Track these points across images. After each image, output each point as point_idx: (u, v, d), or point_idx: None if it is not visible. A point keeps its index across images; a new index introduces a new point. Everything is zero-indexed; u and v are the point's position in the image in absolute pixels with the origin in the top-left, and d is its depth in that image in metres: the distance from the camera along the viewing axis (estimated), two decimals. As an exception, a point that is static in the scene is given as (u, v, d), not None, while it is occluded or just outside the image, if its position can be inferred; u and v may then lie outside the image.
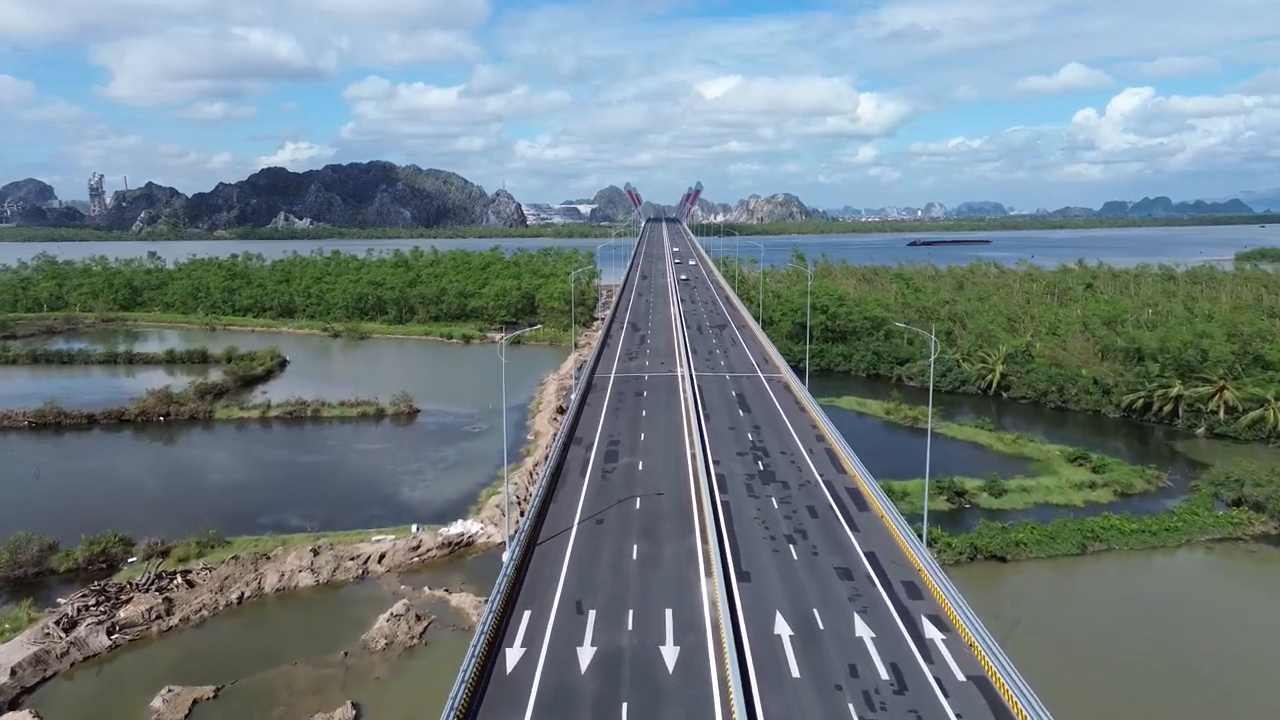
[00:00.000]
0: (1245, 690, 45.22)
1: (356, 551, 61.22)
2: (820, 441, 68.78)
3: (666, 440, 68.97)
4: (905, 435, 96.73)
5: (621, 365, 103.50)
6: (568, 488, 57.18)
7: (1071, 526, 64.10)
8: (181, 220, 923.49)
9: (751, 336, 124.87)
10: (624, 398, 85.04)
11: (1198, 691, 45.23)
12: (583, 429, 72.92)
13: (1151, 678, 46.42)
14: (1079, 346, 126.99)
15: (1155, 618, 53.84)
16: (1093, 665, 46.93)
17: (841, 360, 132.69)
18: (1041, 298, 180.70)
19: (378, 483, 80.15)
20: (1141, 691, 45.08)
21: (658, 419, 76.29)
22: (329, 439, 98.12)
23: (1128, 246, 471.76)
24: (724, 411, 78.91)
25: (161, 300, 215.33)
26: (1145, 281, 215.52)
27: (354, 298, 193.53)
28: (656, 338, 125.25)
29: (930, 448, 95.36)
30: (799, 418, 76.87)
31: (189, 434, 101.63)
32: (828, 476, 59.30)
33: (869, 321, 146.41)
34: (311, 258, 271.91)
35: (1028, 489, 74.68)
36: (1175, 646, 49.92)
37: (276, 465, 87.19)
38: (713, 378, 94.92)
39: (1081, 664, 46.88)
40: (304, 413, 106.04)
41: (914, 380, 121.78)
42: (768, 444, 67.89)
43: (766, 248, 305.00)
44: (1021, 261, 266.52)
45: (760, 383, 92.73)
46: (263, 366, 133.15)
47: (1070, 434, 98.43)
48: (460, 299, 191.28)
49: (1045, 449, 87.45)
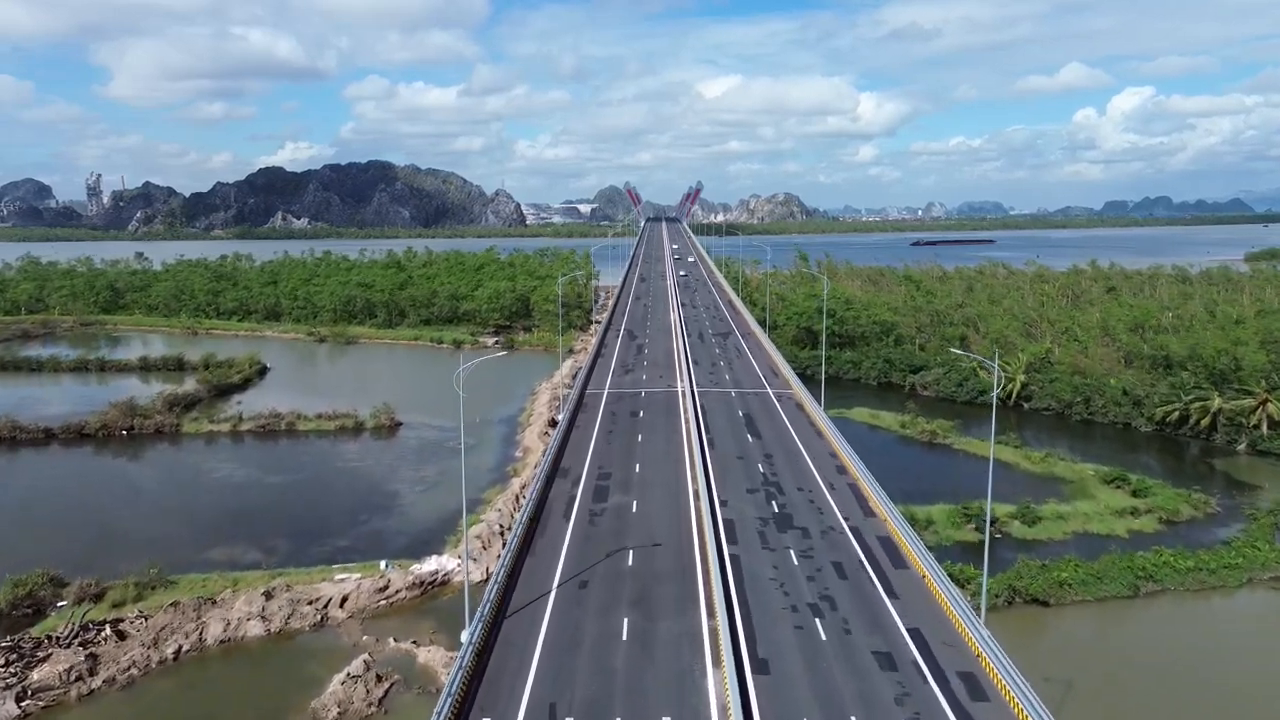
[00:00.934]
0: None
1: (315, 594, 54.28)
2: (842, 474, 61.35)
3: (665, 472, 61.64)
4: (922, 451, 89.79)
5: (616, 379, 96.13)
6: (548, 536, 49.73)
7: (1120, 564, 57.14)
8: (179, 220, 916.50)
9: (757, 345, 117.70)
10: (618, 419, 77.68)
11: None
12: (570, 457, 65.61)
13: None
14: (1102, 353, 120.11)
15: (1223, 674, 46.84)
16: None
17: (851, 368, 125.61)
18: (1056, 300, 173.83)
19: (349, 508, 73.18)
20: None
21: (655, 445, 69.01)
22: (302, 455, 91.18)
23: (1132, 246, 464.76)
24: (730, 436, 71.62)
25: (144, 303, 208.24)
26: (1160, 283, 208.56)
27: (342, 300, 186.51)
28: (655, 347, 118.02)
29: (953, 466, 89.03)
30: (816, 444, 69.52)
31: (153, 450, 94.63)
32: (854, 521, 51.86)
33: (878, 326, 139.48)
34: (301, 258, 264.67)
35: (1064, 516, 67.71)
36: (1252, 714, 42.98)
37: (240, 487, 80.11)
38: (717, 394, 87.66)
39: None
40: (278, 426, 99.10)
41: (928, 390, 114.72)
42: (782, 477, 60.65)
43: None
44: (1030, 262, 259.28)
45: (769, 400, 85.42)
46: (240, 374, 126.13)
47: (1099, 449, 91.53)
48: (452, 302, 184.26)
49: (1077, 468, 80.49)
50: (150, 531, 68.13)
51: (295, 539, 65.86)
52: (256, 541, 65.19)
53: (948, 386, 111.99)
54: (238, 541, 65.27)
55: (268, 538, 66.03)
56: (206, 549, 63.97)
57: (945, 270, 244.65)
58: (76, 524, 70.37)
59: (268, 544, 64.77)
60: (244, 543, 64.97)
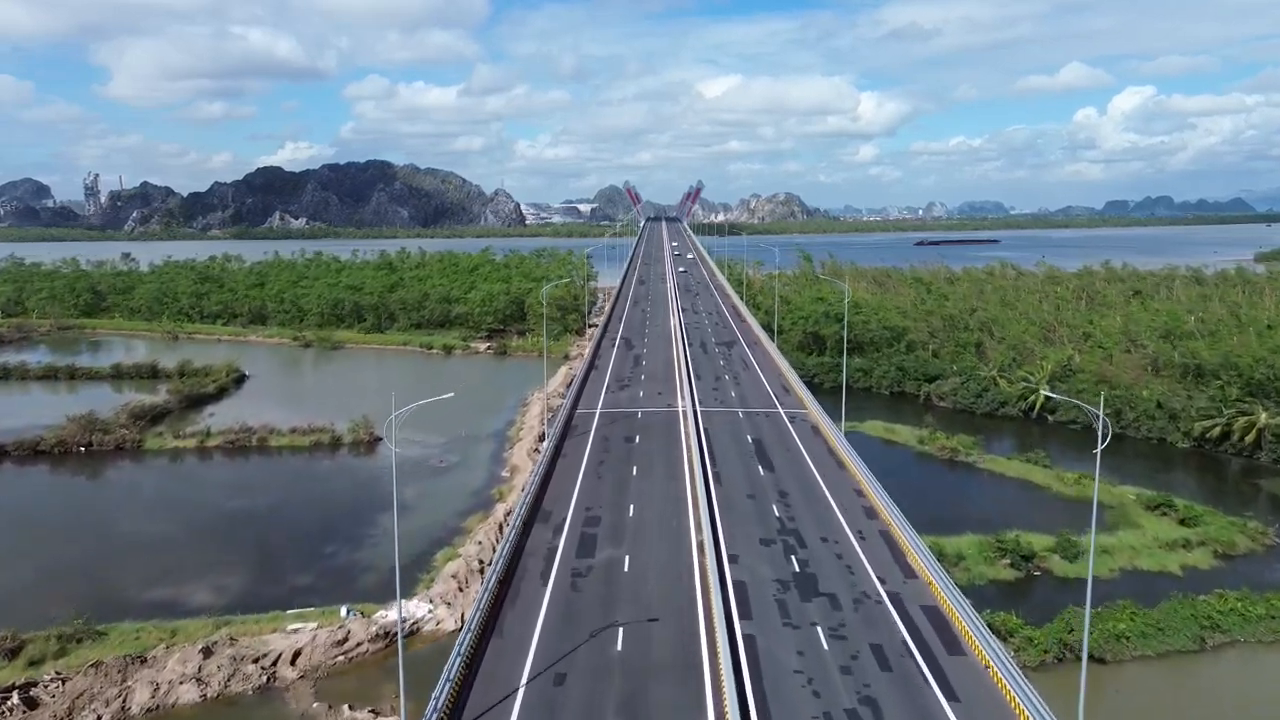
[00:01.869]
0: None
1: (263, 648, 47.39)
2: (872, 519, 53.76)
3: (663, 515, 54.07)
4: (943, 471, 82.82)
5: (610, 397, 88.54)
6: (520, 606, 41.84)
7: (1182, 611, 50.25)
8: (177, 219, 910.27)
9: (765, 356, 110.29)
10: (610, 446, 70.03)
11: None
12: (553, 495, 57.99)
13: None
14: (1129, 361, 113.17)
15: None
16: None
17: (861, 376, 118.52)
18: (1072, 303, 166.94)
19: (314, 538, 66.29)
20: None
21: (652, 479, 61.44)
22: (271, 475, 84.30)
23: (1138, 246, 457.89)
24: (739, 468, 64.10)
25: (127, 306, 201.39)
26: (1175, 285, 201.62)
27: (329, 303, 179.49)
28: (654, 358, 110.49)
29: (978, 488, 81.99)
30: (837, 477, 62.03)
31: (112, 469, 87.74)
32: (892, 584, 44.05)
33: (889, 331, 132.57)
34: (291, 259, 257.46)
35: (1109, 550, 60.78)
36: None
37: (197, 512, 73.01)
38: (722, 415, 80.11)
39: None
40: (248, 441, 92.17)
41: (945, 400, 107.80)
42: (801, 523, 53.03)
43: (768, 248, 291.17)
44: (1040, 263, 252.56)
45: (781, 423, 77.93)
46: (215, 383, 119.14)
47: (1133, 468, 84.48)
48: (443, 305, 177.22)
49: (1116, 492, 73.49)
50: (90, 566, 61.25)
51: (250, 576, 58.99)
52: (207, 579, 58.29)
53: (966, 397, 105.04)
54: (185, 579, 58.35)
55: (220, 574, 59.13)
56: (149, 588, 57.08)
57: (953, 271, 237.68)
58: (5, 558, 63.34)
59: (219, 581, 57.90)
60: (192, 580, 58.05)
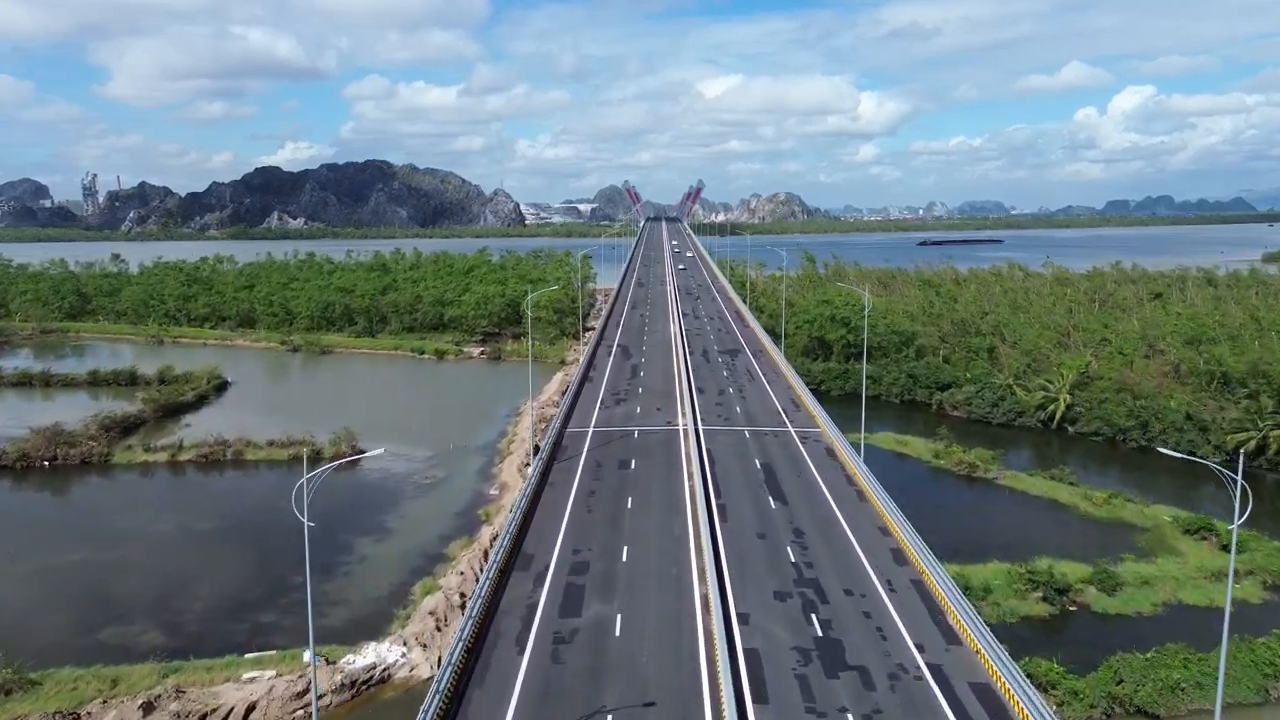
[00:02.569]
0: None
1: (213, 701, 42.26)
2: (901, 564, 47.13)
3: (662, 561, 47.49)
4: (960, 487, 77.66)
5: (604, 412, 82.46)
6: (490, 684, 35.28)
7: (1240, 657, 45.06)
8: (175, 219, 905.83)
9: (771, 367, 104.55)
10: (603, 473, 63.71)
11: None
12: (537, 533, 51.42)
13: None
14: (1149, 368, 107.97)
15: None
16: None
17: (870, 383, 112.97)
18: (1085, 306, 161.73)
19: (283, 566, 60.92)
20: None
21: (650, 515, 54.85)
22: (243, 493, 79.19)
23: (1141, 246, 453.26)
24: (747, 500, 57.94)
25: (112, 309, 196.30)
26: (1187, 286, 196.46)
27: (320, 306, 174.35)
28: (652, 368, 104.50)
29: (999, 507, 76.74)
30: (859, 512, 55.47)
31: (77, 485, 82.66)
32: (933, 652, 37.62)
33: (898, 336, 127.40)
34: (282, 260, 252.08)
35: (1148, 580, 55.70)
36: None
37: (159, 535, 67.85)
38: (727, 435, 74.05)
39: None
40: (222, 455, 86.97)
41: (959, 410, 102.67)
42: (820, 569, 46.54)
43: (770, 248, 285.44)
44: (1047, 263, 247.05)
45: (792, 444, 71.82)
46: (194, 391, 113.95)
47: (1163, 485, 79.44)
48: (437, 308, 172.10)
49: (1149, 512, 68.39)
50: (31, 601, 56.13)
51: (209, 611, 53.85)
52: (160, 615, 53.15)
53: (981, 406, 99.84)
54: (137, 615, 53.21)
55: (175, 608, 54.00)
56: (99, 627, 51.95)
57: (959, 272, 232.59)
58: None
59: (174, 619, 52.77)
60: (144, 617, 52.88)
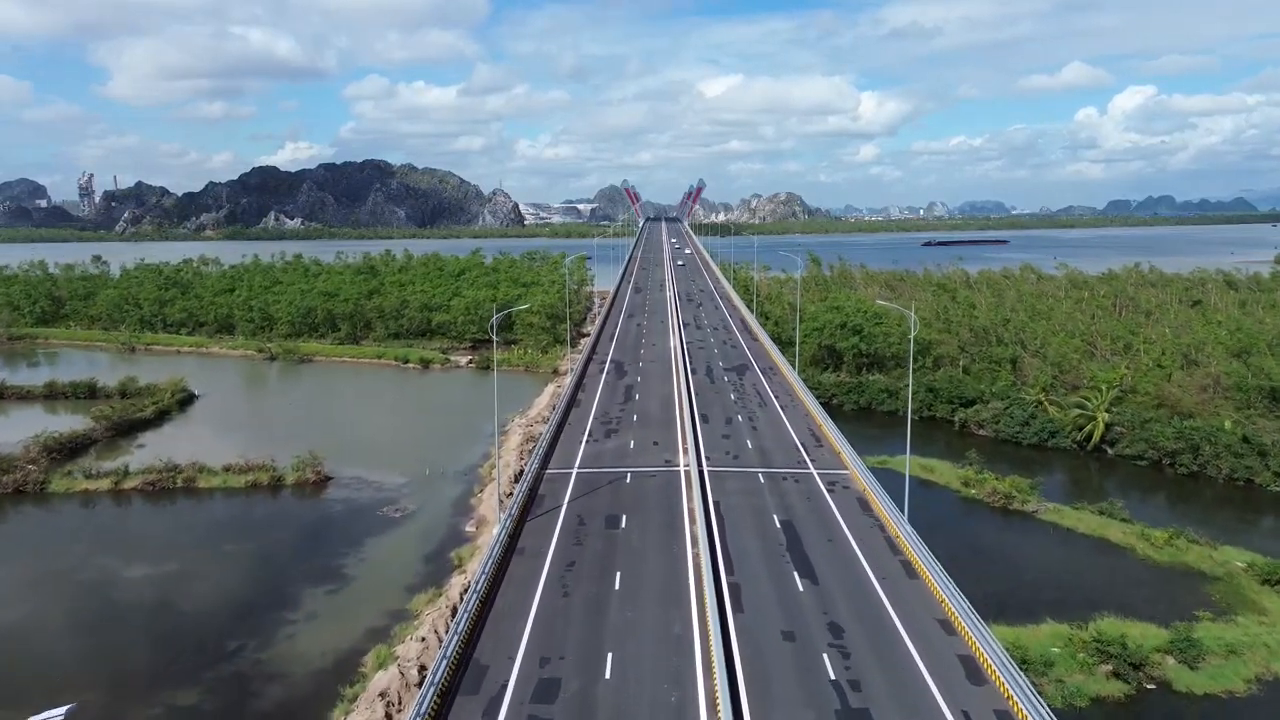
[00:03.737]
0: None
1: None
2: (976, 681, 34.72)
3: (658, 683, 34.76)
4: (997, 523, 68.92)
5: (592, 448, 69.76)
6: None
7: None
8: (171, 219, 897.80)
9: (785, 388, 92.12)
10: (585, 536, 50.58)
11: None
12: (495, 627, 39.39)
13: None
14: (1190, 382, 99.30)
15: None
16: None
17: (885, 398, 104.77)
18: (1110, 311, 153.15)
19: (218, 624, 52.37)
20: None
21: (641, 602, 41.96)
22: (190, 528, 70.30)
23: (1149, 246, 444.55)
24: (766, 577, 44.69)
25: (87, 314, 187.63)
26: (1209, 289, 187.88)
27: (301, 311, 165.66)
28: (649, 389, 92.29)
29: (1042, 546, 67.46)
30: (910, 595, 42.55)
31: (6, 518, 74.02)
32: None
33: (914, 345, 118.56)
34: (269, 262, 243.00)
35: (1234, 648, 46.96)
36: None
37: (77, 589, 58.82)
38: (738, 480, 61.27)
39: None
40: (172, 482, 78.19)
41: (984, 429, 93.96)
42: (870, 691, 33.96)
43: (770, 249, 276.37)
44: (1060, 265, 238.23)
45: (817, 492, 58.83)
46: (155, 405, 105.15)
47: (1221, 518, 70.83)
48: (424, 313, 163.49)
49: (1218, 556, 59.64)
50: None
51: (111, 694, 44.91)
52: (60, 687, 44.34)
53: (1009, 425, 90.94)
54: (31, 689, 44.40)
55: (71, 688, 44.92)
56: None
57: (969, 275, 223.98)
58: None
59: (77, 693, 43.97)
60: (40, 689, 44.02)
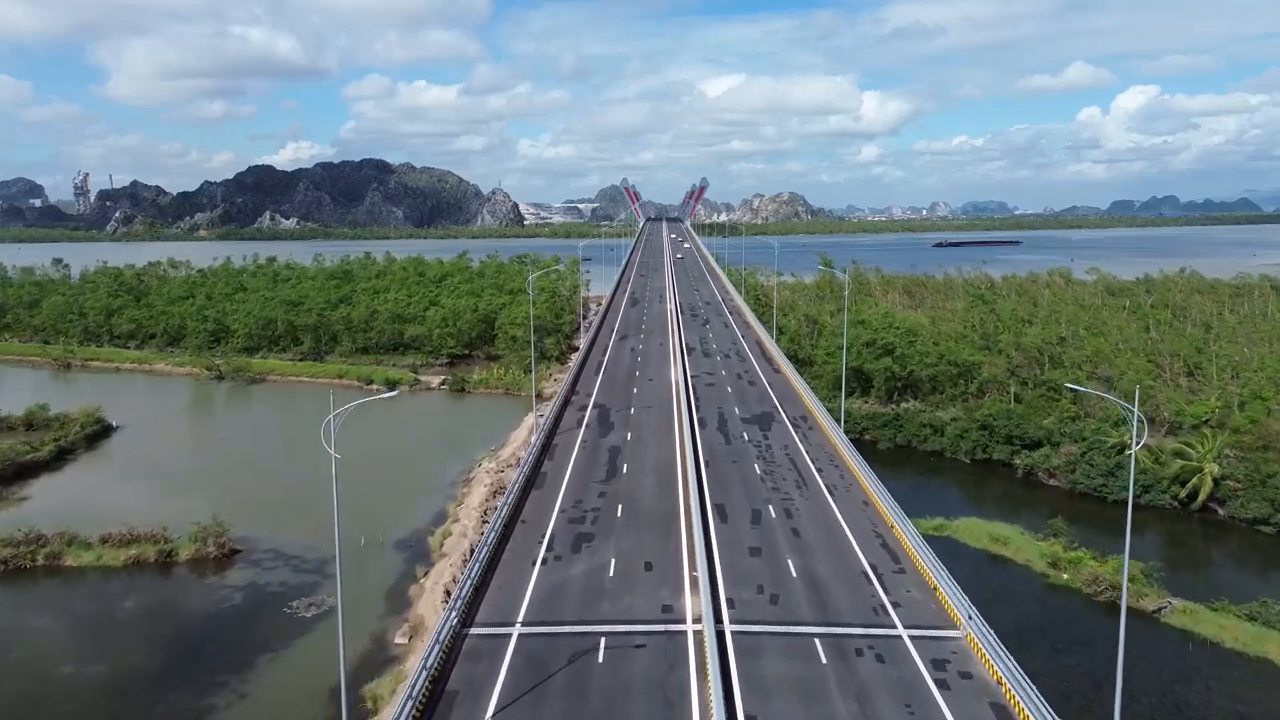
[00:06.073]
0: None
1: None
2: None
3: None
4: (1104, 623, 51.55)
5: (548, 578, 42.03)
6: None
7: None
8: (165, 218, 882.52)
9: (827, 451, 63.91)
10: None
11: None
12: None
13: None
14: None
15: None
16: None
17: (930, 434, 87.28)
18: (1169, 323, 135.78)
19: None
20: None
21: None
22: (24, 638, 53.04)
23: (1163, 247, 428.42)
24: None
25: (30, 324, 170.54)
26: (1255, 296, 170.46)
27: (259, 322, 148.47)
28: (641, 456, 62.98)
29: (1181, 669, 50.18)
30: None
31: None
32: None
33: (955, 367, 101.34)
34: (241, 266, 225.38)
35: None
36: None
37: None
38: (780, 649, 35.28)
39: None
40: (32, 559, 60.87)
41: (1055, 478, 76.55)
42: None
43: (784, 251, 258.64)
44: (1092, 269, 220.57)
45: (916, 680, 33.06)
46: (55, 443, 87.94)
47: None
48: (396, 325, 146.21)
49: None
50: None
51: None
52: None
53: (1091, 476, 73.02)
54: None
55: None
56: None
57: (993, 279, 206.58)
58: None
59: None
60: None
